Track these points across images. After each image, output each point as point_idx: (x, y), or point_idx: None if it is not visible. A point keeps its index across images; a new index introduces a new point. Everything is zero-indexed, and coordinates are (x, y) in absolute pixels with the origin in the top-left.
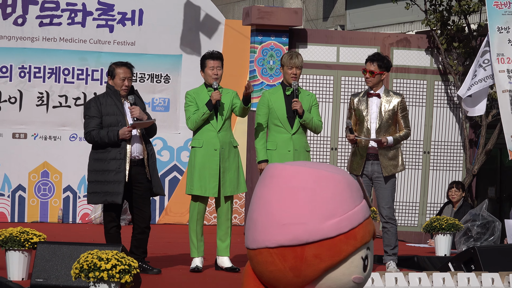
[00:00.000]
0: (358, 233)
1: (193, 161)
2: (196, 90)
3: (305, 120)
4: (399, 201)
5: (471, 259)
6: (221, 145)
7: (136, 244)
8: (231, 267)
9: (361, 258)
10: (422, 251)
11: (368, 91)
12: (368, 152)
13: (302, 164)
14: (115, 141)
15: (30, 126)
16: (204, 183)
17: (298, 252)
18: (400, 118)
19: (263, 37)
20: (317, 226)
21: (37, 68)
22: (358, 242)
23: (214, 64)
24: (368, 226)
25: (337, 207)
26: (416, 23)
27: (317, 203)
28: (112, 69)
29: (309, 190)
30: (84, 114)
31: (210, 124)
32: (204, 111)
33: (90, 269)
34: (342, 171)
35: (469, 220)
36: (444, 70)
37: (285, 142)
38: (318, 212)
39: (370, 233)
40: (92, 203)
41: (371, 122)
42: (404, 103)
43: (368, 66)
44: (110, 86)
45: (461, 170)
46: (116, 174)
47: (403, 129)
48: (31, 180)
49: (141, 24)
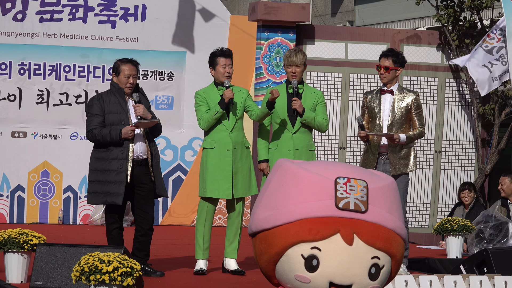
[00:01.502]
0: (291, 229)
1: (205, 162)
2: (205, 90)
3: (305, 119)
4: (409, 202)
5: (483, 261)
6: (233, 145)
7: (138, 247)
8: (237, 270)
9: (301, 255)
10: (433, 253)
11: (381, 88)
12: (380, 150)
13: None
14: (117, 141)
15: (30, 125)
16: (218, 184)
17: (253, 242)
18: (414, 116)
19: (270, 33)
20: (259, 216)
21: (37, 65)
22: (290, 238)
23: (226, 62)
24: (313, 224)
25: (282, 200)
26: (427, 19)
27: (267, 193)
28: (117, 66)
29: (268, 181)
30: (86, 112)
31: (222, 124)
32: (216, 110)
33: (91, 272)
34: (330, 171)
35: (482, 221)
36: (455, 67)
37: (285, 141)
38: (264, 202)
39: (314, 231)
40: (92, 203)
41: (383, 119)
42: (418, 100)
43: (382, 62)
44: (114, 84)
45: (473, 170)
46: (118, 174)
47: (417, 128)
48: (31, 180)
49: (144, 20)
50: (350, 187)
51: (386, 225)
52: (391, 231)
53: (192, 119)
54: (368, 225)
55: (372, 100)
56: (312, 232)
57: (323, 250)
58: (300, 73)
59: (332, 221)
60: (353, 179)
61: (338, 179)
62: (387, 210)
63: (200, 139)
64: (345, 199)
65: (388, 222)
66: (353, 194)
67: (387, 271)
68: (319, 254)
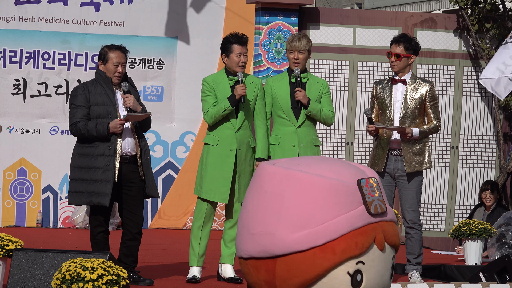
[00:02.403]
0: (337, 246)
1: (205, 159)
2: (214, 77)
3: (311, 111)
4: (423, 203)
5: (505, 268)
6: (238, 145)
7: (125, 252)
8: (233, 277)
9: (347, 273)
10: (449, 259)
11: (393, 77)
12: (390, 146)
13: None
14: (104, 135)
15: (5, 118)
16: (215, 186)
17: (270, 265)
18: (429, 108)
19: (270, 16)
20: (285, 237)
21: (12, 52)
22: (337, 257)
23: (241, 50)
24: (357, 237)
25: (311, 215)
26: (443, 1)
27: (286, 210)
28: (104, 53)
29: (278, 195)
30: (69, 103)
31: (229, 122)
32: (225, 106)
33: (73, 280)
34: (338, 173)
35: (503, 224)
36: (475, 55)
37: (289, 136)
38: (286, 221)
39: (360, 245)
40: (74, 204)
41: (394, 112)
42: (433, 91)
43: (393, 49)
44: (101, 72)
45: (494, 168)
46: (104, 172)
47: (432, 121)
48: (6, 179)
49: (131, 2)
50: (371, 188)
51: (393, 220)
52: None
53: (184, 112)
54: (389, 225)
55: (383, 90)
56: (359, 246)
57: (365, 263)
58: (304, 60)
59: (369, 229)
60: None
61: (360, 181)
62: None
63: (193, 134)
64: (373, 202)
65: (393, 216)
66: (375, 195)
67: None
68: (362, 267)
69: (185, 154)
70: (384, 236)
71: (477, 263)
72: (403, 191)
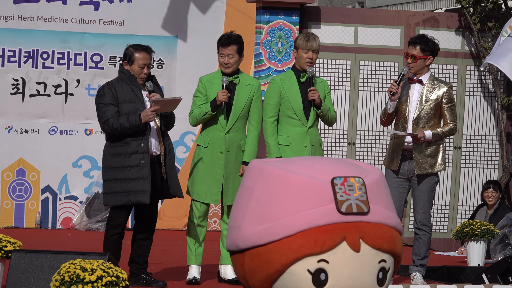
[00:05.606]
0: (294, 242)
1: (197, 161)
2: (210, 77)
3: (322, 111)
4: None
5: (508, 269)
6: (226, 148)
7: (138, 252)
8: (234, 278)
9: (307, 271)
10: (452, 261)
11: (411, 77)
12: (404, 148)
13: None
14: (137, 125)
15: (4, 118)
16: (207, 187)
17: (240, 259)
18: (445, 110)
19: (271, 15)
20: (249, 231)
21: (11, 52)
22: (293, 253)
23: (224, 52)
24: (318, 235)
25: (275, 210)
26: (445, 0)
27: (253, 204)
28: (130, 53)
29: (249, 189)
30: (97, 103)
31: (219, 123)
32: (206, 110)
33: (72, 282)
34: (317, 170)
35: (506, 225)
36: (477, 54)
37: (300, 136)
38: (252, 215)
39: (320, 243)
40: (111, 205)
41: (409, 111)
42: (450, 93)
43: (410, 50)
44: (125, 71)
45: (497, 168)
46: (140, 170)
47: (448, 124)
48: (5, 179)
49: (130, 1)
50: (349, 187)
51: (389, 224)
52: (393, 230)
53: (184, 112)
54: (372, 226)
55: (403, 87)
56: (319, 244)
57: (330, 262)
58: (315, 60)
59: (336, 228)
60: (350, 177)
61: (335, 179)
62: (385, 206)
63: (193, 134)
64: (346, 201)
65: (390, 220)
66: (353, 195)
67: (391, 273)
68: (327, 266)
69: (185, 154)
70: (363, 237)
71: (480, 264)
72: (415, 192)
